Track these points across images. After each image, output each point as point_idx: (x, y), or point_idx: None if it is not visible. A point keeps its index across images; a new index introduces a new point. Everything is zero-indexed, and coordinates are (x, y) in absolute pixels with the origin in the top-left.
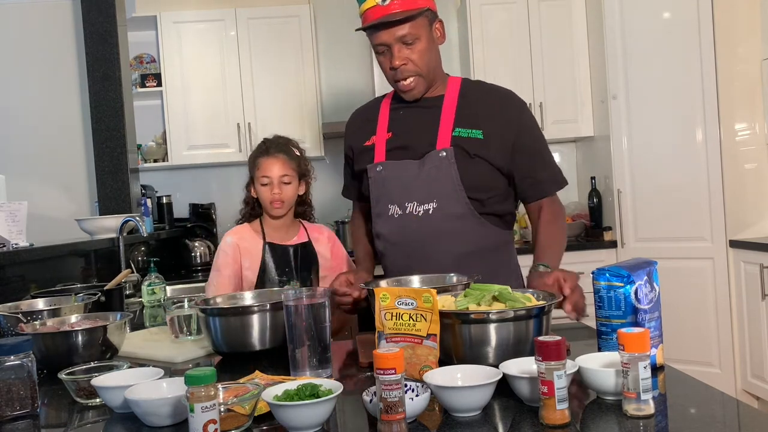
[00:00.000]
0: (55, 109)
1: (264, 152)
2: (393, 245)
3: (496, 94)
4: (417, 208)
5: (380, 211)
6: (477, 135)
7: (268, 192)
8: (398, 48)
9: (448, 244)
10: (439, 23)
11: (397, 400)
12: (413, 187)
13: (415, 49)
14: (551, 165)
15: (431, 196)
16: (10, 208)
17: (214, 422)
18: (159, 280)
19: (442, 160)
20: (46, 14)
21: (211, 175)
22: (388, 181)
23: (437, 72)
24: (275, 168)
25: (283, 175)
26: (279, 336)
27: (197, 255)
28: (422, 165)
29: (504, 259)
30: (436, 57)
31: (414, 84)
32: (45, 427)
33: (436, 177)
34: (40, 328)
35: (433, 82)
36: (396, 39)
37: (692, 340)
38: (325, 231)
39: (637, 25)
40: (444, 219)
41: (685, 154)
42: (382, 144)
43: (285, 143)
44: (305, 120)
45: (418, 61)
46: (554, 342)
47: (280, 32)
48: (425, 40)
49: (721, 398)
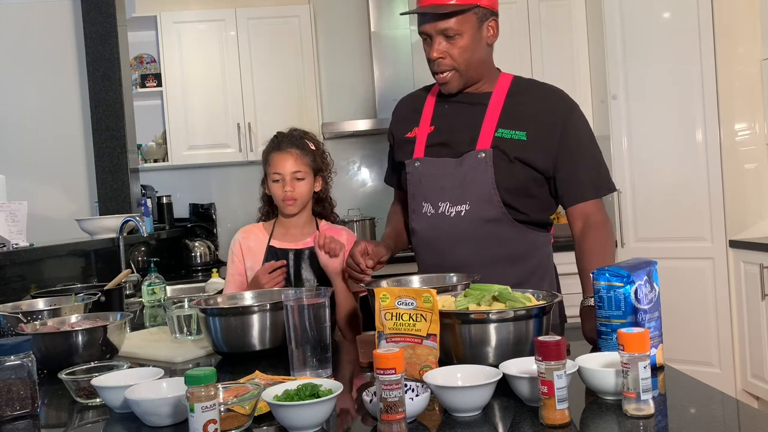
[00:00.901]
0: (55, 109)
1: (275, 147)
2: (425, 243)
3: (544, 93)
4: (450, 208)
5: (415, 207)
6: (520, 136)
7: (279, 189)
8: (438, 40)
9: (478, 248)
10: (494, 21)
11: (397, 400)
12: (448, 187)
13: (456, 45)
14: (594, 169)
15: (465, 197)
16: (10, 208)
17: (214, 422)
18: (159, 280)
19: (480, 161)
20: (46, 14)
21: (211, 175)
22: (424, 178)
23: (481, 69)
24: (287, 164)
25: (295, 171)
26: (279, 336)
27: (197, 255)
28: (460, 165)
29: (539, 264)
30: (480, 54)
31: (449, 78)
32: (45, 427)
33: (472, 178)
34: (40, 328)
35: (474, 79)
36: (437, 31)
37: (692, 340)
38: (345, 233)
39: (637, 25)
40: (475, 222)
41: (685, 154)
42: (423, 138)
43: (299, 137)
44: (305, 120)
45: (458, 56)
46: (554, 342)
47: (280, 32)
48: (469, 37)
49: (721, 398)
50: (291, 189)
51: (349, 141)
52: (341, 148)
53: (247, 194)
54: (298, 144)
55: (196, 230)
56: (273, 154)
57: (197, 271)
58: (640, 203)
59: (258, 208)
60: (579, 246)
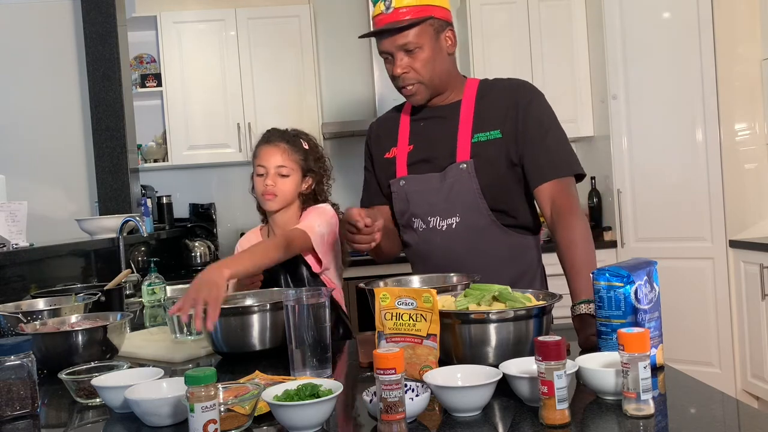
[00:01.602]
0: (55, 109)
1: (264, 140)
2: (418, 256)
3: (508, 86)
4: (440, 222)
5: (405, 223)
6: (496, 135)
7: (261, 183)
8: (400, 56)
9: (473, 258)
10: (450, 31)
11: (397, 400)
12: (435, 201)
13: (417, 58)
14: (555, 151)
15: (454, 210)
16: (10, 208)
17: (214, 422)
18: (159, 280)
19: (462, 172)
20: (46, 14)
21: (211, 175)
22: (410, 195)
23: (446, 79)
24: (272, 157)
25: (280, 166)
26: (279, 336)
27: (197, 255)
28: (444, 179)
29: (528, 267)
30: (442, 65)
31: (415, 90)
32: (45, 427)
33: (458, 191)
34: (40, 328)
35: (440, 89)
36: (397, 47)
37: (692, 340)
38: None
39: (637, 25)
40: (467, 232)
41: (685, 154)
42: (404, 157)
43: (293, 134)
44: (305, 120)
45: (421, 69)
46: (554, 342)
47: (280, 32)
48: (429, 49)
49: (721, 398)
50: (272, 183)
51: (349, 141)
52: (341, 148)
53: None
54: (289, 140)
55: (196, 230)
56: (261, 146)
57: (197, 271)
58: (640, 203)
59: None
60: (553, 238)
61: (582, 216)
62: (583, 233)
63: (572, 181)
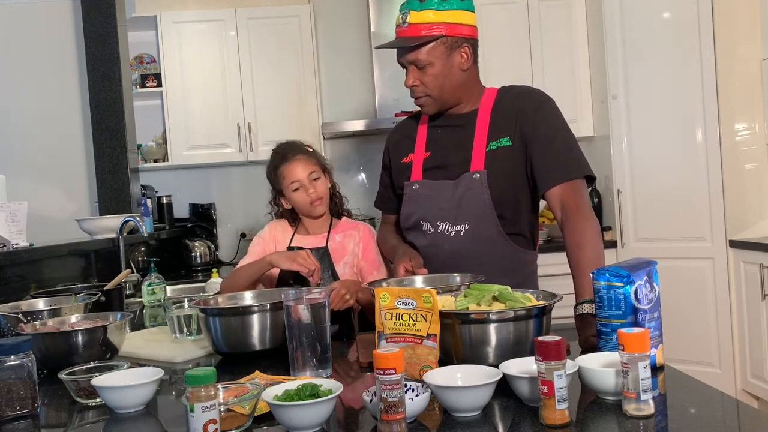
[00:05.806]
0: (55, 109)
1: (282, 160)
2: (425, 258)
3: (519, 94)
4: (449, 228)
5: (412, 225)
6: (506, 143)
7: (303, 195)
8: (412, 69)
9: (477, 266)
10: (467, 47)
11: (397, 400)
12: (446, 207)
13: (427, 73)
14: (564, 153)
15: (464, 218)
16: (10, 208)
17: (214, 422)
18: (159, 280)
19: (475, 182)
20: (46, 14)
21: (211, 175)
22: (423, 199)
23: (457, 93)
24: (301, 169)
25: (310, 173)
26: (279, 336)
27: (197, 255)
28: (456, 186)
29: (527, 276)
30: (453, 80)
31: (424, 102)
32: (45, 427)
33: (469, 200)
34: (40, 328)
35: (450, 102)
36: (409, 62)
37: (692, 340)
38: (361, 227)
39: (637, 25)
40: (475, 241)
41: (685, 154)
42: (420, 163)
43: (298, 144)
44: (305, 120)
45: (430, 84)
46: (554, 342)
47: (280, 32)
48: (439, 66)
49: (721, 398)
50: (314, 190)
51: (348, 141)
52: (341, 148)
53: (247, 194)
54: (301, 149)
55: (196, 230)
56: (282, 166)
57: (197, 271)
58: (640, 203)
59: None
60: (564, 239)
61: (592, 218)
62: (592, 235)
63: (582, 183)
